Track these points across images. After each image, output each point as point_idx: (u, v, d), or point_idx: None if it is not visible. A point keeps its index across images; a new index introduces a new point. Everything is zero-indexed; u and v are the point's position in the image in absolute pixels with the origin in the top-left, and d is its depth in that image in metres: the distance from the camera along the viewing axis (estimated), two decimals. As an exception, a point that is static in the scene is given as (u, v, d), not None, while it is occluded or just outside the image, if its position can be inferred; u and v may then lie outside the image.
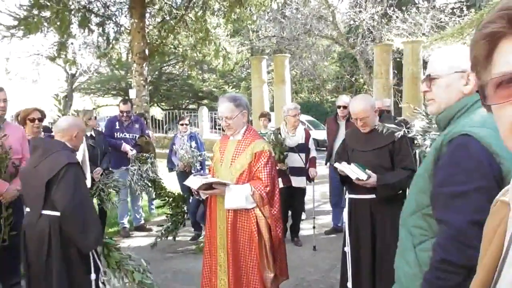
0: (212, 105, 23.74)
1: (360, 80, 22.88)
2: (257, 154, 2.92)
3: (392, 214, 3.26)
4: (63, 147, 2.90)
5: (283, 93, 14.73)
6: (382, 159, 3.23)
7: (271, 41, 21.39)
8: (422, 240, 1.56)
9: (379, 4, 17.44)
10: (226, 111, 2.97)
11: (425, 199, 1.54)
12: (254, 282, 2.89)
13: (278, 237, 2.92)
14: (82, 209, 2.76)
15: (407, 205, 1.68)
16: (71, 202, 2.71)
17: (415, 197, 1.60)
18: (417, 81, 12.56)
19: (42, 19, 12.67)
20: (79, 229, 2.74)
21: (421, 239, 1.56)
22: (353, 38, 18.82)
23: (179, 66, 25.32)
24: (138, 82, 13.61)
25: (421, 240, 1.56)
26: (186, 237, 5.92)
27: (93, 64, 23.61)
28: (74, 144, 3.03)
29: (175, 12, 14.74)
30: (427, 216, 1.54)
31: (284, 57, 15.63)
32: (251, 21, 14.74)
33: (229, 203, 2.89)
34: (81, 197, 2.79)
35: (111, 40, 15.29)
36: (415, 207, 1.59)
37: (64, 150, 2.88)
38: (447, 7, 17.29)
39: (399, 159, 3.20)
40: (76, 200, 2.73)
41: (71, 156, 2.87)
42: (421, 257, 1.54)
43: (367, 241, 3.25)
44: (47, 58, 15.18)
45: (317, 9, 19.04)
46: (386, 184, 3.14)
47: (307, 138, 5.49)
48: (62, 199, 2.72)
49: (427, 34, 15.88)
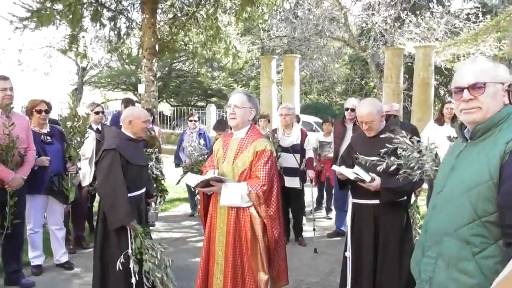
0: (221, 103, 23.76)
1: (370, 84, 22.74)
2: (259, 153, 2.90)
3: (395, 220, 3.23)
4: (115, 135, 3.48)
5: (291, 94, 14.68)
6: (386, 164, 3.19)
7: (282, 41, 21.31)
8: (484, 248, 1.55)
9: (393, 7, 17.30)
10: (237, 100, 2.99)
11: (491, 207, 1.53)
12: (250, 283, 2.86)
13: (274, 238, 2.87)
14: (112, 189, 3.23)
15: (455, 216, 1.63)
16: (103, 182, 3.28)
17: (472, 206, 1.57)
18: (428, 86, 12.45)
19: (54, 12, 12.76)
20: (108, 206, 3.26)
21: (482, 247, 1.55)
22: (365, 41, 18.70)
23: (189, 63, 25.34)
24: (147, 78, 13.65)
25: (483, 248, 1.55)
26: (188, 234, 5.93)
27: (104, 58, 23.75)
28: (132, 131, 3.49)
29: (187, 8, 14.77)
30: (488, 223, 1.54)
31: (294, 57, 15.58)
32: (263, 20, 14.70)
33: (224, 200, 2.88)
34: (114, 179, 3.23)
35: (122, 35, 15.37)
36: (474, 215, 1.56)
37: (113, 138, 3.45)
38: (462, 12, 17.10)
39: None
40: (108, 181, 3.24)
41: (111, 143, 3.37)
42: (483, 265, 1.54)
43: (369, 247, 3.22)
44: (59, 50, 15.27)
45: (330, 11, 18.93)
46: (390, 188, 3.10)
47: (302, 138, 5.46)
48: (98, 179, 3.40)
49: (440, 39, 15.71)
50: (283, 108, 5.55)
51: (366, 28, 18.85)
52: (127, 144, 3.48)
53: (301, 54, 19.15)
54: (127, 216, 3.21)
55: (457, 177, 1.67)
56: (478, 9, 16.44)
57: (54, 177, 4.26)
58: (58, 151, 4.34)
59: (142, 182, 3.57)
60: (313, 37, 19.88)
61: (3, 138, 3.68)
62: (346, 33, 19.07)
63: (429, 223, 1.77)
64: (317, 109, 21.49)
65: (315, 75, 23.66)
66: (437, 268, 1.68)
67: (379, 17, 17.37)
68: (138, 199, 3.51)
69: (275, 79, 15.67)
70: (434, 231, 1.71)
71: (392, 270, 3.17)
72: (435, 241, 1.69)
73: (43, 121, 4.31)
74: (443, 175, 1.77)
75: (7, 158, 3.72)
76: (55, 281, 4.22)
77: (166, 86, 26.01)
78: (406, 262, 3.20)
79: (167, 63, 25.04)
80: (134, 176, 3.41)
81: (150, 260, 3.23)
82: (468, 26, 15.55)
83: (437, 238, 1.68)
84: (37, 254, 4.36)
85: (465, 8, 19.20)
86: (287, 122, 5.45)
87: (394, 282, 3.15)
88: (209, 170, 3.06)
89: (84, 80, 28.66)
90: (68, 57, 20.13)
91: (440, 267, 1.66)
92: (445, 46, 14.44)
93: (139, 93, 14.41)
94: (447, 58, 15.49)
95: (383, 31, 17.64)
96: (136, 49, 16.55)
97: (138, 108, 4.12)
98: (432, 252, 1.70)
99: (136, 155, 3.52)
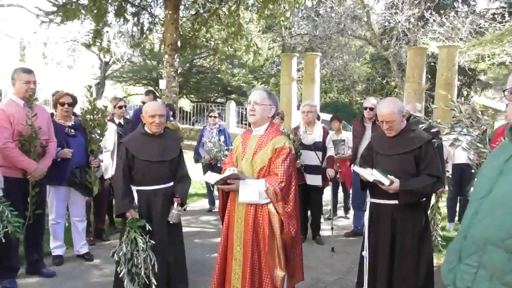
0: (240, 100, 23.82)
1: (391, 83, 22.47)
2: (278, 150, 2.91)
3: (413, 221, 3.20)
4: (137, 129, 3.71)
5: (311, 92, 14.62)
6: (406, 164, 3.16)
7: (303, 39, 21.21)
8: None
9: (416, 6, 17.03)
10: (257, 96, 2.99)
11: None
12: (266, 278, 2.88)
13: (291, 234, 2.87)
14: (114, 180, 3.66)
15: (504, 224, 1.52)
16: (115, 171, 3.74)
17: None
18: (450, 87, 12.24)
19: (79, 6, 12.95)
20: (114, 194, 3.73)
21: None
22: (387, 40, 18.46)
23: (210, 59, 25.45)
24: (168, 73, 13.76)
25: None
26: (205, 229, 5.98)
27: (126, 53, 24.06)
28: (148, 127, 3.59)
29: (209, 5, 14.83)
30: None
31: (315, 55, 15.51)
32: (284, 18, 14.63)
33: (243, 197, 2.90)
34: (117, 171, 3.60)
35: (145, 30, 15.53)
36: None
37: (131, 132, 3.91)
38: (488, 12, 16.74)
39: (425, 165, 3.13)
40: (115, 172, 3.72)
41: (125, 138, 3.82)
42: None
43: (386, 247, 3.20)
44: (83, 45, 15.54)
45: (352, 9, 18.76)
46: (409, 190, 3.07)
47: (324, 136, 5.43)
48: None
49: (465, 39, 15.42)
50: (305, 105, 5.52)
51: (388, 27, 18.60)
52: (140, 138, 3.56)
53: (322, 52, 19.04)
54: (121, 205, 3.45)
55: (508, 182, 1.55)
56: (505, 9, 16.09)
57: (76, 170, 4.32)
58: (82, 144, 4.40)
59: (153, 178, 3.52)
60: (334, 35, 19.74)
61: (26, 129, 3.75)
62: (368, 31, 18.87)
63: (469, 229, 1.64)
64: (337, 108, 21.36)
65: (335, 74, 23.52)
66: (477, 278, 1.56)
67: (402, 16, 17.12)
68: (151, 194, 3.50)
69: (295, 77, 15.62)
70: (476, 238, 1.59)
71: (409, 273, 3.14)
72: (477, 249, 1.57)
73: (66, 113, 4.38)
74: (488, 179, 1.64)
75: (30, 148, 3.77)
76: (75, 271, 4.31)
77: (186, 82, 26.19)
78: (424, 265, 3.18)
79: (188, 59, 25.19)
80: (141, 171, 3.49)
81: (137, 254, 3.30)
82: (494, 26, 15.22)
83: (479, 246, 1.56)
84: (58, 245, 4.46)
85: (490, 8, 18.78)
86: (310, 119, 5.43)
87: (411, 282, 3.13)
88: (228, 168, 3.06)
89: (107, 74, 29.08)
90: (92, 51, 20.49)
91: (481, 278, 1.55)
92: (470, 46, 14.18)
93: (160, 88, 14.53)
94: (471, 58, 15.20)
95: (406, 30, 17.38)
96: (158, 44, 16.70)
97: (152, 102, 4.09)
98: (472, 261, 1.58)
99: (146, 150, 3.50)
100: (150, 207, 3.51)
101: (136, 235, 3.30)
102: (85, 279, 4.15)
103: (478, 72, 18.93)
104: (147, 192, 3.50)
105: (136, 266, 3.27)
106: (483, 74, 19.30)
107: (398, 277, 3.14)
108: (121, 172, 3.48)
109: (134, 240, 3.29)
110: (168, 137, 3.70)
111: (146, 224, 3.37)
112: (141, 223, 3.37)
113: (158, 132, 3.58)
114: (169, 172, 3.61)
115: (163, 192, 3.56)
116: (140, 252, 3.27)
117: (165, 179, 3.60)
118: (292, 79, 15.02)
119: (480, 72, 18.97)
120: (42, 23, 13.50)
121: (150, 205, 3.51)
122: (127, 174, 3.49)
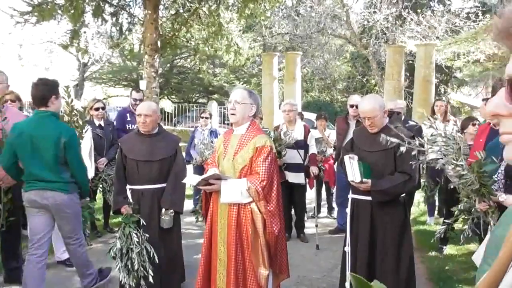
0: (222, 99, 23.74)
1: (371, 81, 22.69)
2: (259, 149, 2.90)
3: (392, 216, 3.25)
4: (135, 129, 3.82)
5: (293, 91, 14.69)
6: (388, 160, 3.21)
7: (284, 38, 21.28)
8: None
9: (394, 5, 17.27)
10: (238, 95, 2.98)
11: None
12: (251, 278, 2.88)
13: (274, 233, 2.86)
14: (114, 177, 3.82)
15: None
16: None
17: None
18: (429, 84, 12.46)
19: (56, 6, 12.70)
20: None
21: None
22: (367, 38, 18.65)
23: (191, 60, 25.29)
24: (149, 74, 13.60)
25: None
26: (189, 231, 5.93)
27: (105, 54, 23.67)
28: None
29: (189, 5, 14.72)
30: None
31: (296, 54, 15.58)
32: (265, 17, 14.63)
33: (225, 197, 2.89)
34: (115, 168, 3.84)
35: (124, 31, 15.30)
36: None
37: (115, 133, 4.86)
38: (463, 11, 17.08)
39: (399, 162, 3.18)
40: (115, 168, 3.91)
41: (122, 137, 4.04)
42: None
43: (365, 241, 3.25)
44: (60, 45, 15.21)
45: (332, 8, 18.89)
46: (379, 190, 3.13)
47: (306, 134, 5.47)
48: None
49: (441, 38, 15.69)
50: (286, 104, 5.58)
51: (367, 26, 18.79)
52: (133, 138, 3.66)
53: (302, 52, 19.13)
54: (116, 202, 3.59)
55: None
56: (478, 8, 16.45)
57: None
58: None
59: (141, 177, 3.52)
60: (315, 34, 19.85)
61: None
62: (348, 30, 19.03)
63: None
64: (318, 107, 21.47)
65: (316, 73, 23.63)
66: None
67: (381, 15, 17.33)
68: (140, 194, 3.54)
69: (276, 76, 15.66)
70: None
71: (390, 268, 3.19)
72: None
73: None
74: None
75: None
76: (56, 278, 4.21)
77: (167, 82, 25.98)
78: (405, 258, 3.22)
79: (169, 60, 24.98)
80: (130, 169, 3.58)
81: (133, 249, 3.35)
82: (468, 25, 15.54)
83: None
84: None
85: (465, 7, 19.15)
86: (291, 118, 5.46)
87: (392, 277, 3.17)
88: (210, 169, 3.05)
89: (85, 76, 28.61)
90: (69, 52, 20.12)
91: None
92: (446, 44, 14.44)
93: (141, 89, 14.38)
94: (447, 56, 15.49)
95: (385, 29, 17.60)
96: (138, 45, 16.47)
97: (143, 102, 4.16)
98: None
99: (135, 149, 3.54)
100: (140, 207, 3.55)
101: (131, 229, 3.35)
102: (66, 286, 4.07)
103: (454, 69, 19.27)
104: (137, 192, 3.57)
105: (132, 260, 3.29)
106: (459, 71, 19.66)
107: (380, 272, 3.18)
108: (117, 170, 3.69)
109: (129, 235, 3.33)
110: (162, 137, 3.67)
111: (140, 218, 3.44)
112: (135, 218, 3.42)
113: (147, 132, 3.56)
114: (157, 173, 3.55)
115: (151, 193, 3.54)
116: (134, 246, 3.31)
117: (153, 179, 3.55)
118: (274, 78, 15.06)
119: (456, 69, 19.32)
120: (16, 24, 13.19)
121: (140, 205, 3.55)
122: (121, 173, 3.62)
